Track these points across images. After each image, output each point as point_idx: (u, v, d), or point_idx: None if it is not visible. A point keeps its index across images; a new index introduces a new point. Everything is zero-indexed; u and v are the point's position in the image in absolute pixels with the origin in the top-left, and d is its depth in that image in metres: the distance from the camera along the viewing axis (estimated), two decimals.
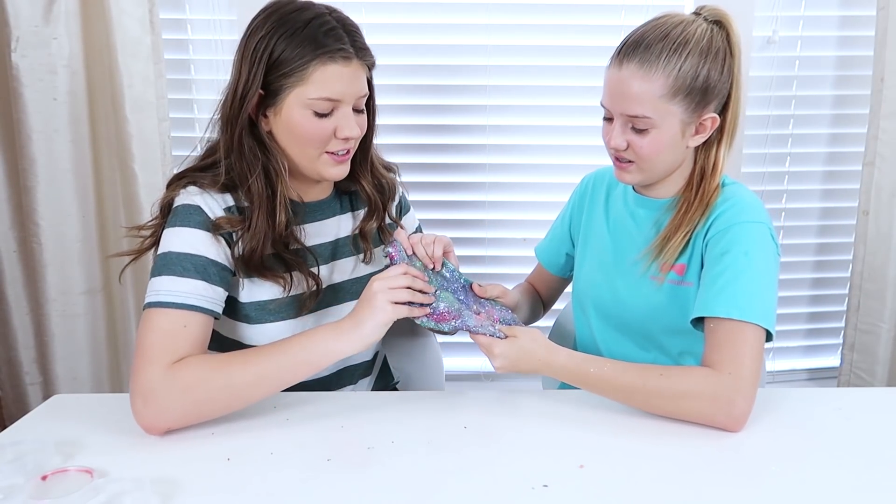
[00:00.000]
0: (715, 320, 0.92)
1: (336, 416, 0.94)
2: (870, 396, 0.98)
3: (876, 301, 1.71)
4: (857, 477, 0.79)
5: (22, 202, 1.56)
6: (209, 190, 0.97)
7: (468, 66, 1.70)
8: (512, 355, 0.95)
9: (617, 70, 0.97)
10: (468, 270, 1.79)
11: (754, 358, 0.89)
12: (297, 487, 0.77)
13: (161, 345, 0.88)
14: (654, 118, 0.95)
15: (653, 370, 0.93)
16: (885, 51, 1.57)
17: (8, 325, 1.64)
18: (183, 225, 0.94)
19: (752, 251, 0.95)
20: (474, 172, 1.77)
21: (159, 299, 0.90)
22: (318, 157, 0.99)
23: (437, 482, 0.79)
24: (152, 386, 0.86)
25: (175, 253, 0.93)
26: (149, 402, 0.86)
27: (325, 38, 0.92)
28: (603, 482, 0.78)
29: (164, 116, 1.58)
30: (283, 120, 0.96)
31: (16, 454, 0.80)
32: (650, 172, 1.02)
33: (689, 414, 0.90)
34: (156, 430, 0.88)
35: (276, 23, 0.93)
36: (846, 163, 1.77)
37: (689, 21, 0.98)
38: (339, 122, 0.96)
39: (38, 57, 1.48)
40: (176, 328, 0.89)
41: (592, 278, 1.15)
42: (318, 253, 1.07)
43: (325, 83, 0.93)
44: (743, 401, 0.88)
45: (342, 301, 1.11)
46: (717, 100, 0.98)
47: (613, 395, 0.94)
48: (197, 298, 0.91)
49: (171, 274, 0.91)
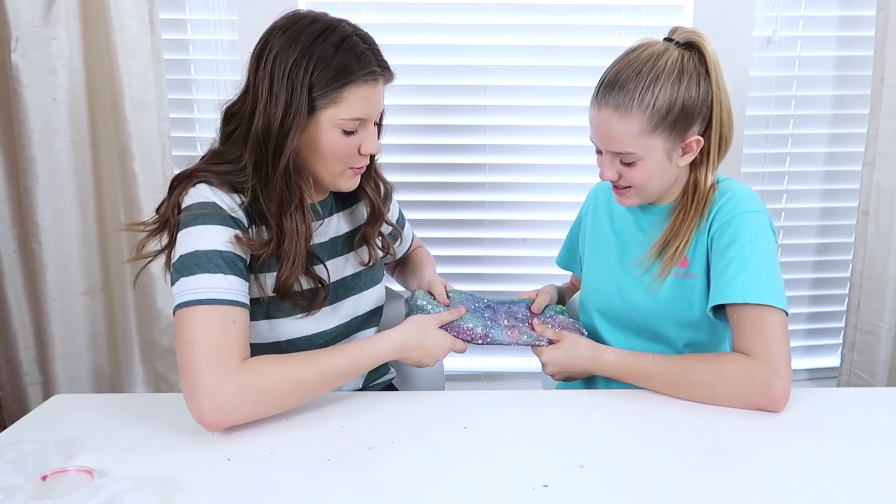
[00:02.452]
0: (737, 309, 0.97)
1: (336, 416, 0.94)
2: (870, 396, 0.98)
3: (876, 301, 1.71)
4: (857, 477, 0.79)
5: (22, 202, 1.56)
6: (221, 187, 0.97)
7: (468, 66, 1.70)
8: (559, 360, 1.07)
9: (596, 112, 1.02)
10: (468, 270, 1.81)
11: (782, 338, 0.94)
12: (297, 487, 0.77)
13: (220, 343, 0.88)
14: (637, 153, 1.00)
15: (691, 358, 0.99)
16: (885, 51, 1.57)
17: (8, 325, 1.64)
18: (204, 223, 0.94)
19: (756, 239, 0.99)
20: (474, 172, 1.77)
21: (198, 297, 0.89)
22: (343, 172, 1.02)
23: (437, 482, 0.79)
24: (223, 385, 0.86)
25: (202, 251, 0.92)
26: (220, 402, 0.86)
27: (356, 62, 0.95)
28: (603, 482, 0.78)
29: (164, 116, 1.58)
30: (311, 138, 0.97)
31: (16, 454, 0.80)
32: (647, 195, 1.08)
33: (729, 398, 0.95)
34: (220, 427, 0.89)
35: (307, 47, 0.93)
36: (846, 163, 1.77)
37: (660, 52, 1.00)
38: (364, 138, 1.00)
39: (37, 57, 1.48)
40: (227, 325, 0.89)
41: (598, 280, 1.18)
42: (319, 252, 1.07)
43: (357, 104, 0.96)
44: (780, 381, 0.93)
45: (342, 298, 1.12)
46: (698, 121, 1.02)
47: (657, 386, 1.00)
48: (235, 294, 0.92)
49: (203, 272, 0.91)
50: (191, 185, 0.97)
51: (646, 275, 1.09)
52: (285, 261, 0.98)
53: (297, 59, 0.92)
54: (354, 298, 1.14)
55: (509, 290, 1.81)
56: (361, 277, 1.15)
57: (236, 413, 0.88)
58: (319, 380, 0.94)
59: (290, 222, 0.98)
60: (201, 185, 0.96)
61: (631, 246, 1.13)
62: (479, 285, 1.82)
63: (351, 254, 1.14)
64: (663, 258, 1.05)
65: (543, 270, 1.77)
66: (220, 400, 0.86)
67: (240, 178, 0.97)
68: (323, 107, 0.94)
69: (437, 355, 1.04)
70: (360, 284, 1.15)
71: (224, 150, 1.00)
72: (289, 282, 0.99)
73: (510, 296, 1.23)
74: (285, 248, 0.98)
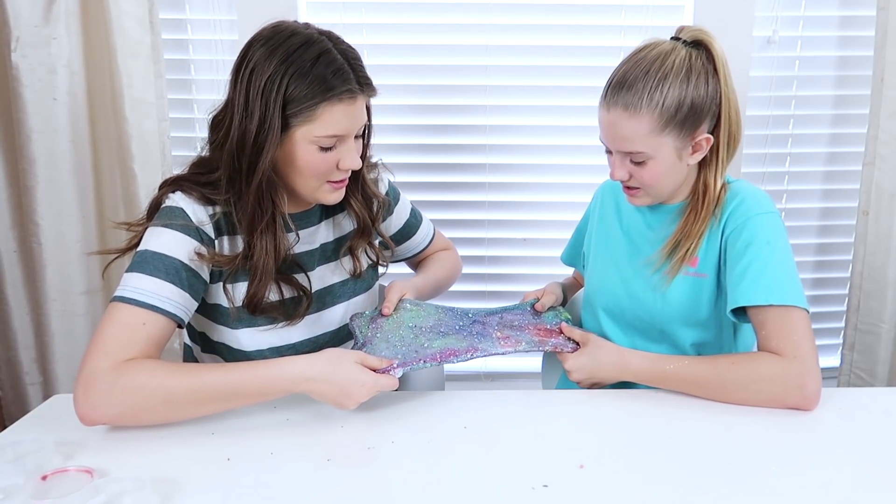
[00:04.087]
0: (761, 311, 0.97)
1: (336, 416, 0.94)
2: (870, 396, 0.98)
3: (876, 301, 1.71)
4: (858, 477, 0.79)
5: (22, 202, 1.56)
6: (195, 198, 0.98)
7: (468, 66, 1.70)
8: (585, 366, 1.05)
9: (606, 112, 1.02)
10: (468, 271, 1.80)
11: (809, 338, 0.95)
12: (297, 487, 0.77)
13: (115, 338, 0.88)
14: (647, 152, 1.01)
15: (722, 360, 0.99)
16: (885, 51, 1.57)
17: (8, 325, 1.64)
18: (164, 226, 0.95)
19: (773, 240, 1.00)
20: (474, 172, 1.77)
21: (124, 294, 0.90)
22: (320, 186, 1.00)
23: (437, 482, 0.79)
24: (96, 378, 0.85)
25: (151, 252, 0.93)
26: (88, 393, 0.85)
27: (333, 78, 0.92)
28: (603, 482, 0.78)
29: (164, 116, 1.58)
30: (286, 153, 0.96)
31: (16, 454, 0.80)
32: (657, 195, 1.08)
33: (763, 399, 0.95)
34: (89, 421, 0.87)
35: (283, 62, 0.91)
36: (846, 163, 1.77)
37: (667, 51, 1.00)
38: (342, 154, 0.97)
39: (37, 57, 1.48)
40: (134, 324, 0.89)
41: (606, 279, 1.18)
42: (304, 262, 1.07)
43: (333, 121, 0.94)
44: (812, 381, 0.94)
45: (329, 305, 1.12)
46: (707, 119, 1.02)
47: (688, 389, 0.99)
48: (160, 300, 0.91)
49: (141, 272, 0.92)
50: (170, 191, 0.99)
51: (655, 274, 1.09)
52: (254, 277, 0.98)
53: (271, 75, 0.91)
54: (342, 305, 1.13)
55: (509, 290, 1.82)
56: (349, 285, 1.14)
57: (102, 410, 0.86)
58: (193, 393, 0.87)
59: (260, 239, 0.97)
60: (178, 194, 0.98)
61: (640, 245, 1.13)
62: (480, 285, 1.82)
63: (339, 261, 1.13)
64: (673, 259, 1.06)
65: (543, 270, 1.77)
66: (90, 392, 0.85)
67: (215, 189, 0.98)
68: (297, 124, 0.93)
69: (355, 395, 0.89)
70: (349, 292, 1.14)
71: (208, 158, 1.01)
72: (256, 297, 0.99)
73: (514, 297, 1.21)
74: (253, 265, 0.98)
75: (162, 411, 0.87)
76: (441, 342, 1.03)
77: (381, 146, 1.74)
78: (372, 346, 1.01)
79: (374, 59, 1.69)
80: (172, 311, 0.92)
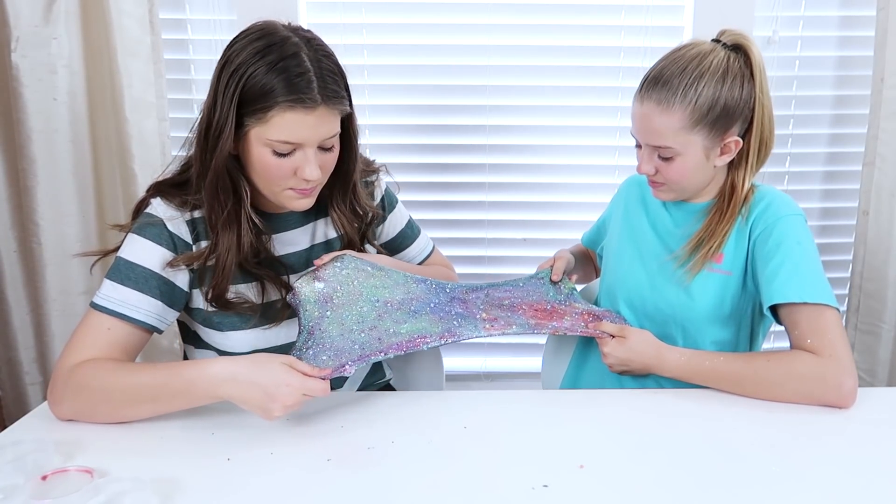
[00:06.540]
0: (795, 309, 0.98)
1: (336, 416, 0.94)
2: (870, 396, 0.98)
3: (876, 301, 1.71)
4: (858, 477, 0.79)
5: (22, 202, 1.56)
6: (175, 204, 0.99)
7: (468, 66, 1.70)
8: (621, 355, 1.05)
9: (639, 105, 1.04)
10: (468, 271, 1.80)
11: (843, 336, 0.96)
12: (297, 487, 0.77)
13: (80, 340, 0.93)
14: (676, 147, 1.02)
15: (758, 357, 0.99)
16: (885, 51, 1.57)
17: (8, 325, 1.64)
18: (139, 234, 0.97)
19: (803, 241, 1.02)
20: (474, 172, 1.77)
21: (95, 301, 0.95)
22: (282, 192, 0.97)
23: (437, 482, 0.79)
24: (57, 376, 0.91)
25: (123, 260, 0.96)
26: (52, 390, 0.92)
27: (290, 83, 0.89)
28: (603, 482, 0.78)
29: (164, 116, 1.58)
30: (244, 152, 0.96)
31: (16, 454, 0.80)
32: (682, 192, 1.10)
33: (800, 396, 0.96)
34: (58, 414, 0.92)
35: (250, 58, 0.90)
36: (846, 163, 1.77)
37: (706, 51, 1.02)
38: (300, 163, 0.93)
39: (37, 57, 1.48)
40: (98, 328, 0.93)
41: (630, 272, 1.19)
42: (289, 263, 1.06)
43: (285, 127, 0.90)
44: (849, 379, 0.94)
45: None
46: (738, 122, 1.03)
47: (724, 385, 1.00)
48: (127, 308, 0.94)
49: (113, 279, 0.95)
50: (151, 197, 1.00)
51: (679, 269, 1.10)
52: (216, 272, 0.98)
53: (236, 69, 0.91)
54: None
55: None
56: None
57: (61, 406, 0.91)
58: (125, 393, 0.88)
59: (222, 234, 0.97)
60: (157, 199, 0.99)
61: (666, 240, 1.15)
62: None
63: None
64: (696, 256, 1.07)
65: None
66: (52, 389, 0.92)
67: (189, 190, 0.99)
68: (251, 123, 0.91)
69: (280, 397, 0.82)
70: None
71: (189, 156, 1.02)
72: (218, 291, 0.98)
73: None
74: (215, 260, 0.98)
75: (105, 410, 0.90)
76: (410, 326, 0.89)
77: (382, 146, 1.75)
78: (321, 333, 0.87)
79: (374, 59, 1.69)
80: (140, 318, 0.94)
